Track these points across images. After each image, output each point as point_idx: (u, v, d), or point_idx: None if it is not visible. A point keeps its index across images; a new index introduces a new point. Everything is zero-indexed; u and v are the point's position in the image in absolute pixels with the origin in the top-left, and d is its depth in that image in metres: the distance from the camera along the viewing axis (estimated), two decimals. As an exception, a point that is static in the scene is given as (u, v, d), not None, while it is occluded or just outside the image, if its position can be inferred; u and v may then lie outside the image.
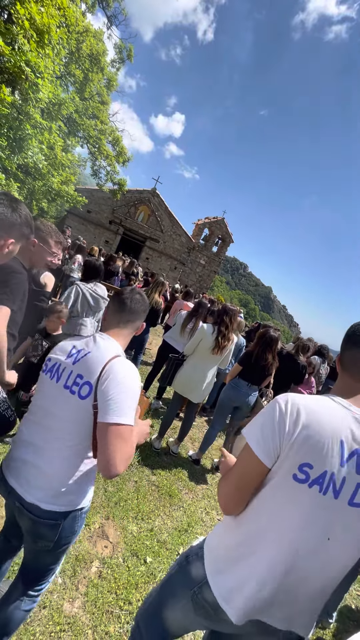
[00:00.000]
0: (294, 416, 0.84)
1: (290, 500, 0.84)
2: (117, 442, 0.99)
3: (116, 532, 2.19)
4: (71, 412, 1.10)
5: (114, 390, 1.04)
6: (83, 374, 1.11)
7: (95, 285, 3.11)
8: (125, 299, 1.29)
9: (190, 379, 3.17)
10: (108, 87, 16.11)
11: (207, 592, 0.96)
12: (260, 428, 0.89)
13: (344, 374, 0.96)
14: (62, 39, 6.65)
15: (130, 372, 1.12)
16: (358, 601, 2.62)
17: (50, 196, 11.18)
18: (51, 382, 1.16)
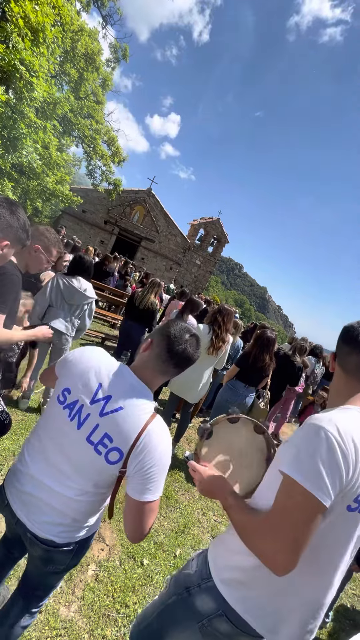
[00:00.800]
0: (353, 452, 0.75)
1: (344, 531, 0.83)
2: (150, 516, 0.97)
3: (112, 535, 2.18)
4: (93, 471, 1.00)
5: (152, 469, 0.94)
6: (113, 436, 0.95)
7: (73, 277, 2.98)
8: (183, 343, 1.05)
9: (186, 379, 3.17)
10: (103, 87, 16.04)
11: (219, 624, 0.92)
12: (320, 466, 0.74)
13: (349, 378, 0.91)
14: (57, 38, 6.61)
15: (167, 442, 1.00)
16: (354, 600, 2.63)
17: (45, 196, 11.09)
18: (70, 424, 0.99)
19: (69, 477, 1.01)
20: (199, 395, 3.22)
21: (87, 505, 1.05)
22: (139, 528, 0.97)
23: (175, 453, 3.44)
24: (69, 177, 11.17)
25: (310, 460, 0.75)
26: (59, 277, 2.95)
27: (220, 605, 0.92)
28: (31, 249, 1.61)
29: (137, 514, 0.96)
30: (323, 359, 6.01)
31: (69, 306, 3.00)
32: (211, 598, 0.94)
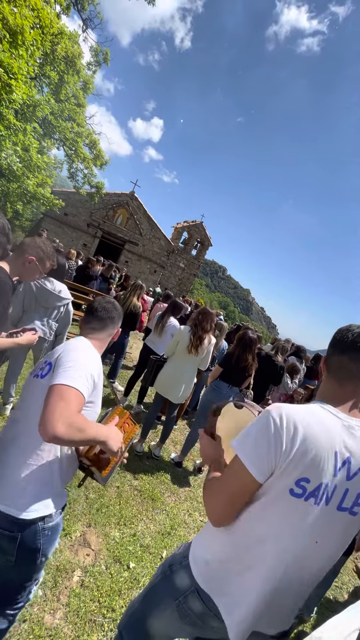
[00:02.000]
0: (291, 432, 0.81)
1: (286, 514, 0.84)
2: (58, 401, 0.93)
3: (98, 539, 2.17)
4: (32, 396, 1.15)
5: (65, 358, 1.09)
6: (48, 358, 1.20)
7: (45, 279, 2.89)
8: (95, 308, 1.37)
9: (170, 379, 3.21)
10: (84, 90, 15.96)
11: (192, 602, 0.96)
12: (254, 443, 0.85)
13: (329, 378, 0.96)
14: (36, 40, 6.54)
15: (88, 351, 1.19)
16: (336, 592, 2.71)
17: (26, 198, 10.90)
18: (29, 377, 1.25)
19: (16, 420, 1.17)
20: (183, 396, 3.25)
21: (22, 452, 1.10)
22: (44, 415, 0.91)
23: (161, 455, 3.45)
24: (50, 180, 11.03)
25: (248, 438, 0.87)
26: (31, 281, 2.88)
27: (193, 581, 0.98)
28: (26, 260, 1.62)
29: (45, 401, 0.95)
30: (306, 359, 6.17)
31: (44, 309, 2.92)
32: (187, 575, 1.00)
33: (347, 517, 0.86)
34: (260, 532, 0.87)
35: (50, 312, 2.97)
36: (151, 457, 3.38)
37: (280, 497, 0.83)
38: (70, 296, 3.06)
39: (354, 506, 0.85)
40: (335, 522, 0.85)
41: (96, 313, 1.36)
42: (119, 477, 2.85)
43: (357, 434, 0.85)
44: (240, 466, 0.85)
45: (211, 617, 0.94)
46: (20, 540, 1.06)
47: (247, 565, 0.89)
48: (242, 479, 0.86)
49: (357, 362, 0.90)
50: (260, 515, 0.87)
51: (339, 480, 0.83)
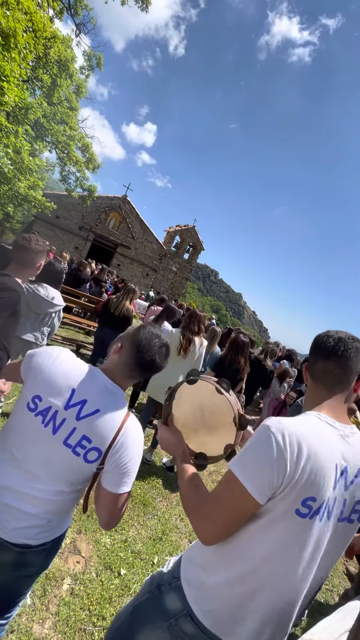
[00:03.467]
0: (295, 452, 0.77)
1: (290, 534, 0.81)
2: (125, 503, 1.05)
3: (88, 546, 2.14)
4: (70, 471, 1.02)
5: (129, 464, 1.02)
6: (92, 437, 0.99)
7: (38, 285, 2.85)
8: (153, 354, 1.07)
9: (161, 383, 3.20)
10: (77, 94, 15.98)
11: (185, 624, 0.93)
12: (256, 464, 0.80)
13: (316, 385, 0.96)
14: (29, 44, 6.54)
15: (141, 438, 1.09)
16: (327, 595, 2.73)
17: (17, 201, 10.80)
18: (45, 430, 0.99)
19: (43, 480, 1.02)
20: (176, 401, 3.25)
21: (62, 505, 1.07)
22: (116, 516, 1.04)
23: (152, 460, 3.43)
24: (41, 183, 10.97)
25: (250, 459, 0.82)
26: (24, 285, 2.83)
27: (186, 605, 0.93)
28: (39, 267, 1.70)
29: (114, 505, 1.03)
30: (297, 362, 6.25)
31: (35, 315, 2.88)
32: (179, 597, 0.96)
33: (346, 525, 0.88)
34: (265, 552, 0.83)
35: (42, 318, 2.93)
36: (143, 462, 3.36)
37: (286, 517, 0.80)
38: (62, 302, 3.03)
39: (352, 514, 0.87)
40: (335, 534, 0.86)
41: (150, 368, 1.09)
42: (110, 483, 2.82)
43: (351, 441, 0.86)
44: (240, 488, 0.80)
45: (205, 638, 0.91)
46: (48, 550, 1.11)
47: (251, 589, 0.85)
48: (241, 502, 0.80)
49: (341, 367, 0.90)
50: (264, 535, 0.83)
51: (338, 492, 0.83)
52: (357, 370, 0.91)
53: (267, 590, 0.84)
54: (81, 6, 13.17)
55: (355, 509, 0.87)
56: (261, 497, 0.79)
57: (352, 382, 0.92)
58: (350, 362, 0.90)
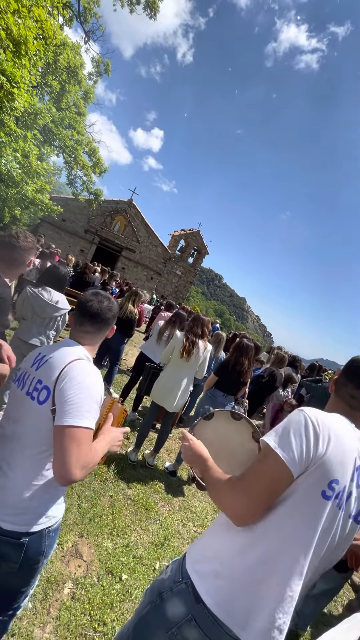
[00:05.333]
0: (326, 434, 0.85)
1: (314, 515, 0.84)
2: (72, 446, 0.95)
3: (90, 550, 2.13)
4: (31, 419, 1.07)
5: (70, 391, 1.02)
6: (42, 378, 1.09)
7: (42, 289, 2.87)
8: (89, 302, 1.22)
9: (166, 387, 3.19)
10: (85, 99, 16.21)
11: (188, 631, 0.90)
12: (293, 438, 0.85)
13: (340, 401, 1.00)
14: (39, 51, 6.66)
15: (91, 374, 1.09)
16: (331, 606, 2.68)
17: (24, 204, 10.94)
18: (17, 390, 1.14)
19: (12, 439, 1.09)
20: (178, 404, 3.24)
21: (26, 474, 1.06)
22: (62, 460, 0.93)
23: (155, 464, 3.41)
24: (49, 186, 11.10)
25: (285, 432, 0.87)
26: (28, 289, 2.84)
27: (190, 608, 0.90)
28: (27, 265, 1.67)
29: (59, 443, 0.96)
30: (301, 368, 6.21)
31: (41, 319, 2.91)
32: (182, 601, 0.92)
33: (353, 524, 0.89)
34: (288, 534, 0.85)
35: (47, 322, 2.96)
36: (145, 466, 3.35)
37: (311, 497, 0.83)
38: (67, 306, 3.04)
39: (359, 515, 0.89)
40: (343, 528, 0.88)
41: (91, 315, 1.22)
42: (113, 486, 2.81)
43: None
44: (275, 458, 0.84)
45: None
46: (26, 546, 1.06)
47: (273, 570, 0.84)
48: (278, 474, 0.84)
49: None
50: (289, 517, 0.85)
51: (355, 486, 0.86)
52: None
53: (283, 574, 0.84)
54: (90, 14, 13.43)
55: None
56: (295, 468, 0.83)
57: None
58: None
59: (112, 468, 3.03)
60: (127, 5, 12.28)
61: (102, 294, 1.27)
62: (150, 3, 12.01)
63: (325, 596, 2.16)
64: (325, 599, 2.17)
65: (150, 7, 12.14)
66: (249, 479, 0.87)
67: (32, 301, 2.81)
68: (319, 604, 2.18)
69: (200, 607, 0.89)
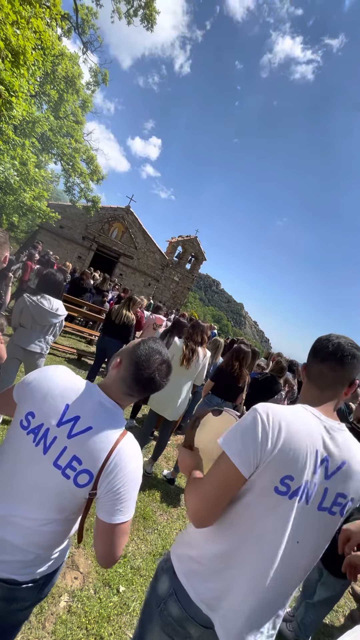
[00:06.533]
0: (276, 430, 0.84)
1: (271, 511, 0.86)
2: (122, 538, 0.92)
3: (87, 561, 2.08)
4: (58, 494, 0.92)
5: (123, 488, 0.90)
6: (82, 458, 0.90)
7: (42, 297, 2.86)
8: (152, 371, 0.99)
9: (165, 396, 3.16)
10: (83, 108, 16.43)
11: (172, 606, 0.95)
12: (241, 439, 0.87)
13: (310, 384, 1.01)
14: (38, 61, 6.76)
15: (139, 459, 0.97)
16: (332, 616, 2.63)
17: (22, 211, 10.99)
18: (36, 449, 0.92)
19: (32, 506, 0.92)
20: (178, 412, 3.21)
21: (51, 536, 0.96)
22: (111, 552, 0.92)
23: (153, 472, 3.37)
24: (46, 193, 11.16)
25: (235, 433, 0.89)
26: (27, 298, 2.84)
27: (172, 582, 0.97)
28: (2, 259, 1.58)
29: (108, 537, 0.91)
30: (299, 373, 6.22)
31: (40, 327, 2.91)
32: (168, 577, 1.00)
33: (327, 517, 0.89)
34: (247, 529, 0.88)
35: (47, 329, 2.97)
36: (143, 475, 3.30)
37: (265, 495, 0.85)
38: (65, 312, 3.06)
39: (333, 506, 0.88)
40: (315, 522, 0.88)
41: (149, 386, 1.02)
42: (110, 495, 2.77)
43: (335, 435, 0.90)
44: (226, 461, 0.87)
45: (189, 622, 0.93)
46: (40, 587, 1.02)
47: (232, 563, 0.89)
48: (227, 474, 0.86)
49: (335, 371, 0.95)
50: (246, 513, 0.88)
51: (318, 479, 0.86)
52: (351, 377, 0.95)
53: (250, 566, 0.88)
54: (88, 26, 13.66)
55: (338, 502, 0.88)
56: (245, 469, 0.85)
57: (345, 387, 0.96)
58: (344, 369, 0.94)
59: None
60: (124, 17, 12.53)
61: (165, 359, 1.05)
62: (147, 15, 12.27)
63: (325, 604, 2.12)
64: (325, 607, 2.13)
65: (147, 19, 12.40)
66: (205, 481, 0.91)
67: (31, 310, 2.81)
68: (319, 613, 2.14)
69: (178, 583, 0.96)
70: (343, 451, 0.88)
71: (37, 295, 2.87)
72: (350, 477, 0.87)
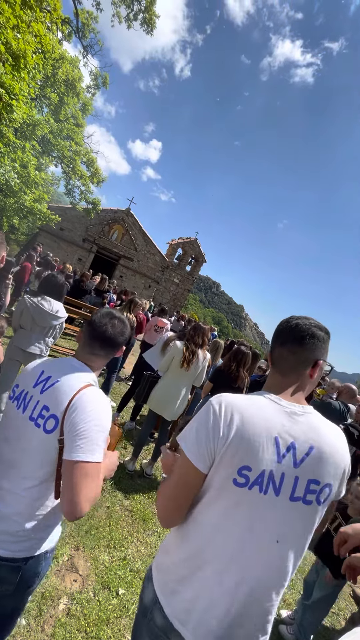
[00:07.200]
0: (228, 418, 0.81)
1: (233, 505, 0.81)
2: (83, 481, 0.92)
3: (86, 564, 2.07)
4: (34, 447, 1.01)
5: (82, 425, 0.96)
6: (49, 405, 1.01)
7: (42, 298, 2.87)
8: (103, 325, 1.15)
9: (164, 396, 3.16)
10: (83, 111, 16.52)
11: (157, 616, 0.89)
12: (195, 432, 0.84)
13: (273, 369, 0.96)
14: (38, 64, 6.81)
15: (102, 403, 1.04)
16: (333, 619, 2.62)
17: (22, 213, 11.02)
18: (17, 412, 1.05)
19: (13, 465, 1.02)
20: (177, 413, 3.21)
21: (27, 503, 1.01)
22: (72, 497, 0.91)
23: (153, 474, 3.36)
24: (47, 196, 11.20)
25: (190, 427, 0.87)
26: (28, 299, 2.84)
27: (154, 591, 0.93)
28: (1, 258, 1.59)
29: (69, 478, 0.93)
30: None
31: (41, 328, 2.91)
32: (152, 584, 0.95)
33: (302, 506, 0.82)
34: (211, 527, 0.84)
35: (47, 331, 2.97)
36: (143, 476, 3.30)
37: (225, 488, 0.81)
38: (65, 314, 3.06)
39: (307, 494, 0.81)
40: (291, 514, 0.81)
41: (103, 339, 1.15)
42: (110, 497, 2.76)
43: (299, 419, 0.84)
44: (183, 457, 0.85)
45: (171, 631, 0.87)
46: (23, 570, 1.03)
47: (199, 565, 0.84)
48: (185, 470, 0.84)
49: (294, 353, 0.90)
50: (208, 511, 0.84)
51: (286, 467, 0.80)
52: (313, 357, 0.90)
53: (214, 566, 0.83)
54: (89, 29, 13.75)
55: (311, 489, 0.81)
56: (201, 464, 0.82)
57: (307, 368, 0.91)
58: (304, 349, 0.90)
59: (109, 478, 2.98)
60: (124, 21, 12.61)
61: (116, 316, 1.21)
62: (147, 19, 12.34)
63: (320, 604, 2.11)
64: (321, 607, 2.11)
65: (147, 23, 12.47)
66: (168, 480, 0.90)
67: (32, 311, 2.81)
68: (316, 613, 2.12)
69: None
70: (310, 435, 0.82)
71: (38, 296, 2.88)
72: (322, 461, 0.81)
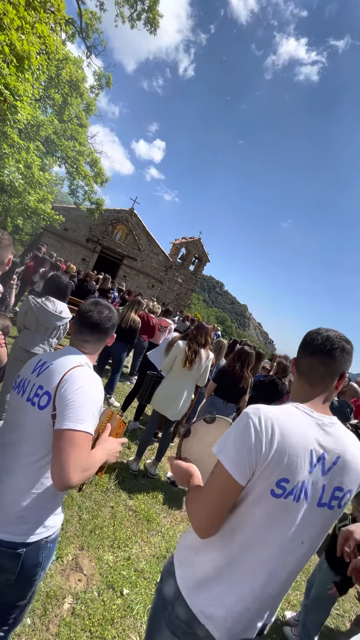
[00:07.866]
0: (269, 434, 0.83)
1: (269, 515, 0.85)
2: (71, 449, 0.96)
3: (91, 564, 2.08)
4: (31, 425, 1.07)
5: (71, 396, 1.03)
6: (43, 384, 1.09)
7: (46, 299, 2.86)
8: (88, 312, 1.23)
9: (167, 395, 3.16)
10: (87, 111, 16.57)
11: (179, 609, 0.94)
12: (234, 446, 0.86)
13: (300, 379, 0.99)
14: (42, 65, 6.83)
15: (91, 379, 1.11)
16: (338, 621, 2.60)
17: (26, 214, 11.08)
18: (17, 396, 1.14)
19: (12, 445, 1.08)
20: (180, 413, 3.21)
21: (25, 481, 1.05)
22: (59, 464, 0.95)
23: (157, 474, 3.37)
24: (51, 196, 11.25)
25: (228, 441, 0.88)
26: (32, 300, 2.85)
27: (178, 585, 0.97)
28: (5, 262, 1.60)
29: (58, 446, 0.97)
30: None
31: (45, 329, 2.92)
32: (173, 579, 0.98)
33: (326, 512, 0.88)
34: (247, 535, 0.87)
35: (51, 332, 2.96)
36: (147, 476, 3.30)
37: (263, 499, 0.84)
38: (70, 315, 3.05)
39: (331, 500, 0.88)
40: (316, 519, 0.88)
41: (90, 325, 1.22)
42: (114, 497, 2.77)
43: (329, 430, 0.89)
44: (222, 470, 0.85)
45: (196, 623, 0.91)
46: (23, 557, 1.04)
47: (234, 569, 0.89)
48: (224, 483, 0.85)
49: (325, 365, 0.93)
50: (246, 520, 0.87)
51: (315, 476, 0.85)
52: (341, 370, 0.94)
53: (248, 570, 0.88)
54: (92, 30, 13.79)
55: (335, 496, 0.88)
56: (241, 477, 0.84)
57: (335, 380, 0.95)
58: (334, 362, 0.93)
59: (113, 478, 2.99)
60: (128, 21, 12.62)
61: (102, 304, 1.28)
62: (151, 19, 12.34)
63: (316, 602, 2.08)
64: (321, 605, 2.08)
65: (151, 23, 12.48)
66: (204, 491, 0.90)
67: (36, 312, 2.82)
68: (317, 613, 2.10)
69: None
70: (337, 445, 0.87)
71: (42, 297, 2.88)
72: (346, 470, 0.87)
